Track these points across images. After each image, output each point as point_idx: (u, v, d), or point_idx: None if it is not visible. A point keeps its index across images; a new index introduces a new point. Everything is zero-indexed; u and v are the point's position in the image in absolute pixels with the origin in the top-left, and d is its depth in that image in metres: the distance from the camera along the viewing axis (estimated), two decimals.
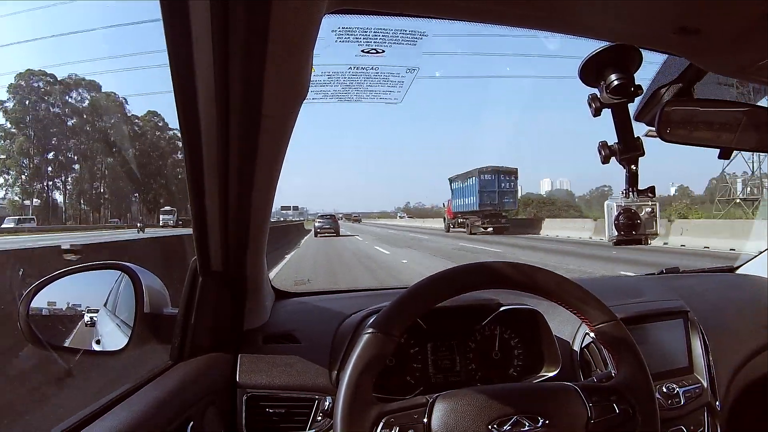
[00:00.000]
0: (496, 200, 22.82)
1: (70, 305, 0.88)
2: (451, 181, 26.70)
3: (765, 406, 1.18)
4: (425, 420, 0.65)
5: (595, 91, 0.75)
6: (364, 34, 0.71)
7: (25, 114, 35.24)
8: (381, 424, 0.64)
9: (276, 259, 10.20)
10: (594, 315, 0.74)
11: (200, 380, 0.82)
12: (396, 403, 0.67)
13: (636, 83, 0.72)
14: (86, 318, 0.88)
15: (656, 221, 0.78)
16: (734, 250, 9.83)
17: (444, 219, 27.61)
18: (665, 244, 12.37)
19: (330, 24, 0.61)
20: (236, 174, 0.68)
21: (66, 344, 0.86)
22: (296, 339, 0.98)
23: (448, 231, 25.35)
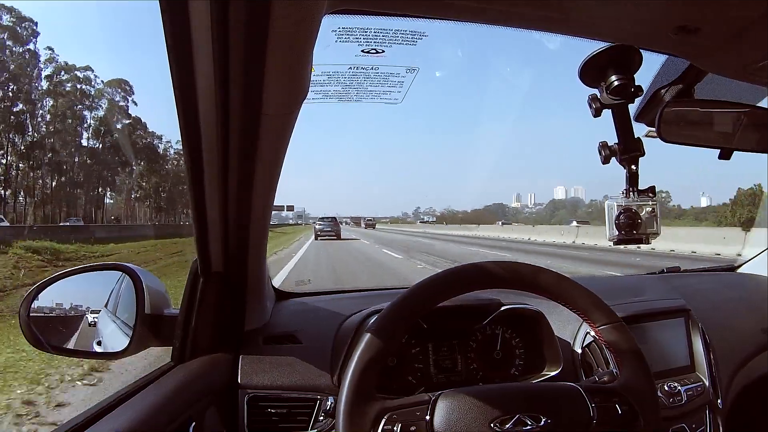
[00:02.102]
0: None
1: (71, 306, 0.88)
2: None
3: (766, 404, 1.18)
4: (428, 417, 0.65)
5: (596, 91, 0.75)
6: (364, 34, 0.70)
7: None
8: (383, 420, 0.64)
9: None
10: (597, 317, 0.74)
11: (201, 381, 0.82)
12: (399, 399, 0.67)
13: (636, 84, 0.73)
14: (87, 319, 0.88)
15: (657, 221, 0.78)
16: (695, 252, 12.13)
17: None
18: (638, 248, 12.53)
19: (330, 24, 0.61)
20: (236, 174, 0.68)
21: (67, 346, 0.86)
22: (297, 339, 0.98)
23: None
